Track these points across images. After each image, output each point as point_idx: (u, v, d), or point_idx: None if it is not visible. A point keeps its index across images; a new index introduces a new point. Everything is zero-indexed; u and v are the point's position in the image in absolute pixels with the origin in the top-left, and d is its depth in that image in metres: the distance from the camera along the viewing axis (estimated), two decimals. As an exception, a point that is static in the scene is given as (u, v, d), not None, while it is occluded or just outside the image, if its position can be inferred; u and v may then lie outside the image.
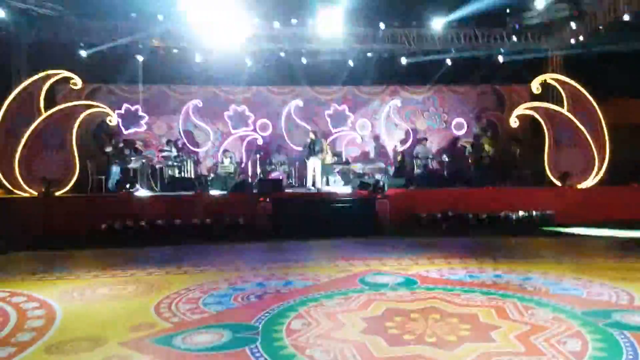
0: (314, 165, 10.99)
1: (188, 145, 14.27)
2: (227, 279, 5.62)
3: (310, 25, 13.65)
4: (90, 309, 4.53)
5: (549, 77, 12.57)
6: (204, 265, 6.46)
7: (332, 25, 13.20)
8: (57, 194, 10.00)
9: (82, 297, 4.88)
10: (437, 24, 13.73)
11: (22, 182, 10.03)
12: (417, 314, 4.18)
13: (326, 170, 12.25)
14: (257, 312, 4.26)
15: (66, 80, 11.21)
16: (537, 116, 12.12)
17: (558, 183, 11.21)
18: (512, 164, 13.24)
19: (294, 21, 13.57)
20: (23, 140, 10.18)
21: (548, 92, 14.10)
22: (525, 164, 13.14)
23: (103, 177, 11.50)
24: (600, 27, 12.32)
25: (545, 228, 9.48)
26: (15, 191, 10.11)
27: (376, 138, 14.88)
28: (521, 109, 12.27)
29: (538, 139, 12.63)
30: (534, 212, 9.83)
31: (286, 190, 10.81)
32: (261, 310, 4.34)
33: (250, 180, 12.21)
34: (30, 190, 9.99)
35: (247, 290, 5.07)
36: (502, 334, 3.70)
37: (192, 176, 12.53)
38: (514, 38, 14.15)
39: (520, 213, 9.82)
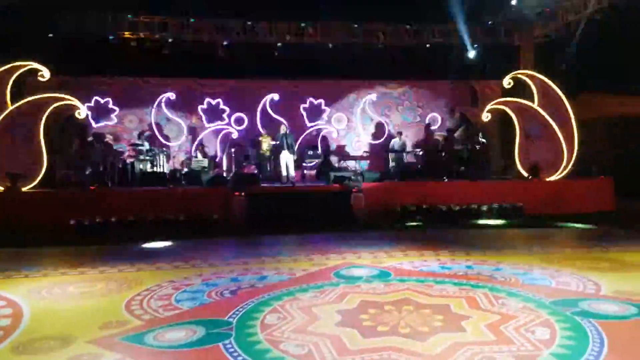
0: (286, 159, 10.95)
1: (160, 138, 14.04)
2: (201, 274, 5.57)
3: (287, 18, 13.63)
4: (59, 307, 4.42)
5: (519, 72, 12.78)
6: (177, 261, 6.36)
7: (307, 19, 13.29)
8: (24, 189, 9.70)
9: (50, 295, 4.75)
10: (411, 19, 13.87)
11: (-13, 178, 9.70)
12: (391, 305, 4.22)
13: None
14: (231, 308, 4.23)
15: (34, 71, 10.86)
16: (508, 111, 12.33)
17: (528, 176, 11.44)
18: (484, 157, 13.44)
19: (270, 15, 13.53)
20: (-12, 134, 9.85)
21: (519, 87, 14.40)
22: (496, 158, 13.41)
23: (71, 171, 11.20)
24: (570, 24, 12.63)
25: (515, 220, 9.67)
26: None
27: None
28: (493, 104, 12.48)
29: (509, 133, 12.87)
30: (505, 205, 10.01)
31: (261, 185, 10.75)
32: (235, 305, 4.31)
33: (225, 175, 12.09)
34: (-3, 186, 9.67)
35: (221, 286, 5.03)
36: (473, 323, 3.76)
37: (165, 170, 12.32)
38: (487, 34, 14.37)
39: (492, 205, 10.00)
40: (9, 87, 10.37)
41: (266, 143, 12.65)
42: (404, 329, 3.67)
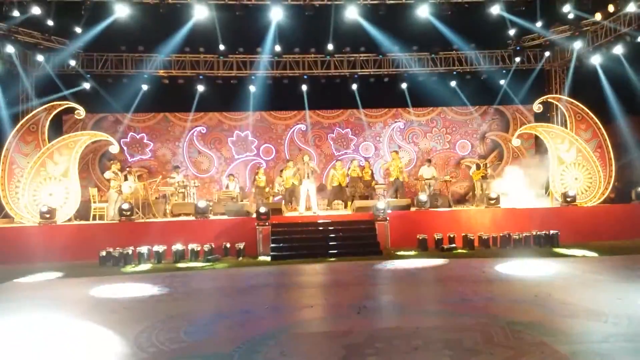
0: (307, 188, 11.00)
1: (192, 170, 14.40)
2: (216, 305, 5.57)
3: (312, 51, 13.89)
4: (72, 339, 4.49)
5: (550, 97, 12.51)
6: (196, 291, 6.40)
7: (333, 52, 13.51)
8: (59, 222, 10.08)
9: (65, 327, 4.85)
10: (439, 47, 13.87)
11: (25, 211, 10.17)
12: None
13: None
14: (237, 341, 4.17)
15: (71, 110, 11.46)
16: (540, 136, 12.01)
17: (562, 202, 10.98)
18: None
19: (296, 49, 13.84)
20: (27, 170, 10.35)
21: (552, 111, 14.07)
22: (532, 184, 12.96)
23: (105, 204, 11.59)
24: (602, 46, 12.32)
25: (549, 248, 9.24)
26: (20, 220, 10.24)
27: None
28: (523, 129, 12.21)
29: (542, 159, 12.51)
30: (538, 232, 9.60)
31: (285, 215, 10.77)
32: (241, 338, 4.25)
33: (252, 205, 12.20)
34: (34, 219, 10.09)
35: (232, 318, 4.99)
36: None
37: (195, 202, 12.54)
38: (516, 59, 14.18)
39: (524, 233, 9.60)
40: (47, 125, 10.94)
41: (262, 177, 12.67)
42: None
